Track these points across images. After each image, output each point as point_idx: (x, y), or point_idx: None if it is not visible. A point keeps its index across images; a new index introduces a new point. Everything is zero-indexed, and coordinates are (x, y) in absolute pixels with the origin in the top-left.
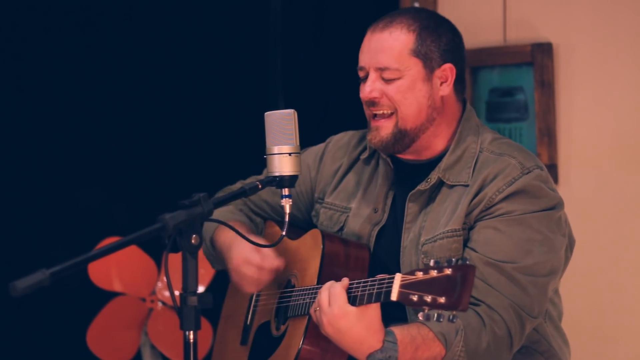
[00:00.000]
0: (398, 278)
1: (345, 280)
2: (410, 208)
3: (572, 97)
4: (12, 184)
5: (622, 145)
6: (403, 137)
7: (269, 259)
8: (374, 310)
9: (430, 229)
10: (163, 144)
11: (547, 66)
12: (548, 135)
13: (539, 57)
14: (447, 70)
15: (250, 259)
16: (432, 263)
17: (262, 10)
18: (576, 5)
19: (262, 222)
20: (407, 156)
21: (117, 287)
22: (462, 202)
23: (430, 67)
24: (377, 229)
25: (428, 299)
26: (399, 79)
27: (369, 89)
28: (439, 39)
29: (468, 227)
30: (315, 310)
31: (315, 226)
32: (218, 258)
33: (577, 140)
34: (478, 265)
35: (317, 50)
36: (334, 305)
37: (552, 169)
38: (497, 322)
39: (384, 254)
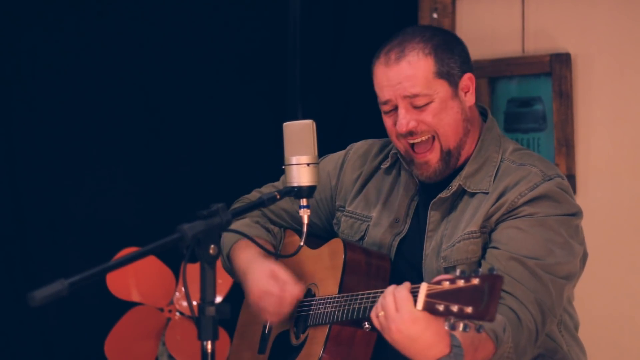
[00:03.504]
0: (424, 287)
1: (408, 284)
2: (433, 216)
3: (591, 108)
4: (29, 195)
5: None
6: (450, 158)
7: (289, 286)
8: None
9: (451, 237)
10: (181, 154)
11: (566, 76)
12: (566, 146)
13: (557, 67)
14: (467, 80)
15: (270, 290)
16: (457, 272)
17: (281, 20)
18: (595, 16)
19: (280, 231)
20: None
21: (135, 297)
22: (481, 207)
23: (454, 84)
24: (398, 239)
25: (454, 309)
26: (431, 102)
27: (405, 120)
28: (453, 53)
29: (488, 231)
30: (377, 316)
31: (336, 234)
32: (235, 276)
33: (595, 151)
34: (501, 260)
35: (335, 61)
36: (403, 311)
37: (570, 179)
38: (527, 316)
39: (405, 263)
